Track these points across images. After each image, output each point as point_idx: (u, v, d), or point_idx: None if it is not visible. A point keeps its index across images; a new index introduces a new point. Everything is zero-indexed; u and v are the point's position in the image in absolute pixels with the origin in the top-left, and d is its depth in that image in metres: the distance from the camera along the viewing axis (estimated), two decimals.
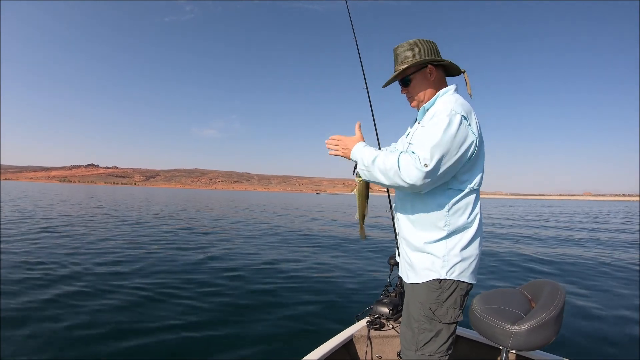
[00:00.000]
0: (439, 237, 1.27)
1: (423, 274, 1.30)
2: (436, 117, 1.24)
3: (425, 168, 1.15)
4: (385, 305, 2.16)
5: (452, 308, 1.28)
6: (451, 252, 1.27)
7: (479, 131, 1.26)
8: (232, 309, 3.81)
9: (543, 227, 14.81)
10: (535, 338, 1.19)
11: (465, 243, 1.27)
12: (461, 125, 1.20)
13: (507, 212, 27.50)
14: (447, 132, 1.17)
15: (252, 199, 53.73)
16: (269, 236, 9.93)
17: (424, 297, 1.30)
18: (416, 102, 1.44)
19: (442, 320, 1.28)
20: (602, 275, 6.01)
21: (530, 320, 1.21)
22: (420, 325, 1.31)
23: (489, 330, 1.29)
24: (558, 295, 1.29)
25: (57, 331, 3.07)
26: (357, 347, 2.04)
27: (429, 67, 1.38)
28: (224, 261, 6.25)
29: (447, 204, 1.27)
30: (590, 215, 25.01)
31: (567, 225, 16.04)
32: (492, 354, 1.94)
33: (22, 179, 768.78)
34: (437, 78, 1.40)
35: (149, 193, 64.58)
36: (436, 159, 1.15)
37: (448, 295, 1.27)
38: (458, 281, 1.27)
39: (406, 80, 1.42)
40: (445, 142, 1.17)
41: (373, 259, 6.87)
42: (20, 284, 4.34)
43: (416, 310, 1.32)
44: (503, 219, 19.70)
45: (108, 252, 6.50)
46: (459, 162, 1.21)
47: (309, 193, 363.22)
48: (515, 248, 8.77)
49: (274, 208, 25.43)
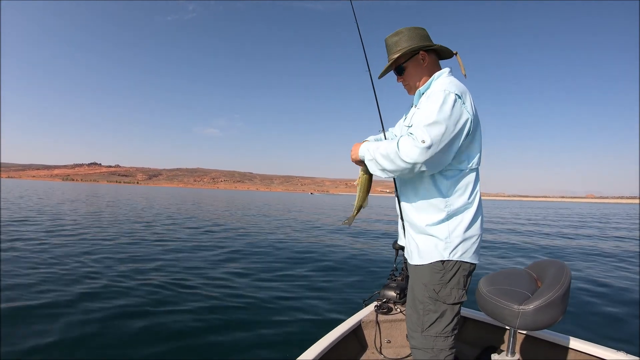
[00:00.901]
0: (440, 218, 1.31)
1: (426, 256, 1.33)
2: (431, 97, 1.28)
3: (422, 144, 1.18)
4: (393, 289, 2.19)
5: (456, 289, 1.31)
6: (453, 233, 1.30)
7: (474, 111, 1.30)
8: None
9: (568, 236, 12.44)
10: (542, 317, 1.19)
11: (467, 224, 1.30)
12: (455, 103, 1.23)
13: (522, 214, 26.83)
14: (442, 111, 1.21)
15: (255, 198, 53.78)
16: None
17: (428, 278, 1.33)
18: (413, 89, 1.48)
19: (446, 301, 1.31)
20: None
21: (537, 299, 1.21)
22: (425, 306, 1.34)
23: (497, 310, 1.30)
24: (564, 274, 1.29)
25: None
26: (365, 332, 2.06)
27: (421, 53, 1.41)
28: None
29: (447, 185, 1.31)
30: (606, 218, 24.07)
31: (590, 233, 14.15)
32: (499, 334, 1.96)
33: (25, 177, 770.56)
34: (430, 63, 1.43)
35: (154, 192, 64.36)
36: (433, 135, 1.19)
37: (451, 276, 1.30)
38: (461, 262, 1.30)
39: (400, 69, 1.46)
40: (441, 120, 1.20)
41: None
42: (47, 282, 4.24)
43: (420, 291, 1.35)
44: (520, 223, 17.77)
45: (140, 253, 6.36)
46: (456, 139, 1.24)
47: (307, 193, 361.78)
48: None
49: (270, 209, 25.27)
